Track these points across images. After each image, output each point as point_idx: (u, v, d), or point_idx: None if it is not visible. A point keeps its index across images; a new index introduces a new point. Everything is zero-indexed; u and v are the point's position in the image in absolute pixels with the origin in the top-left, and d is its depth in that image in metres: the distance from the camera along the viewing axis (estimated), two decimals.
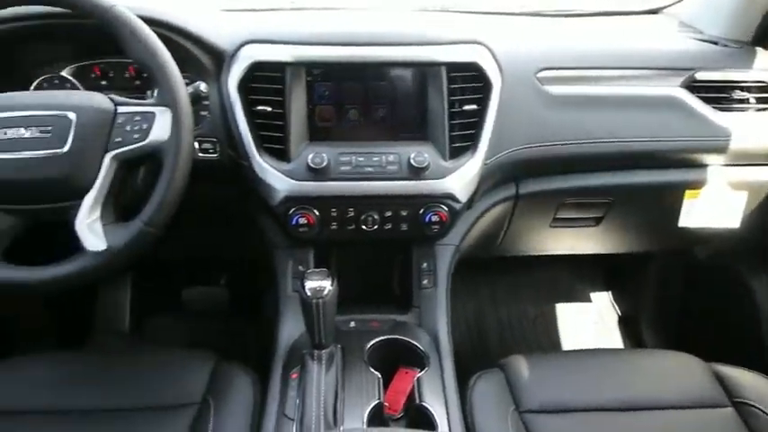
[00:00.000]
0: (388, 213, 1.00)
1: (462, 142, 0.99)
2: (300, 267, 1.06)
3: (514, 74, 1.01)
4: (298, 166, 0.95)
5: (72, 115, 0.76)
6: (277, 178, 0.95)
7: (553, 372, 0.99)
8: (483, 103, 0.98)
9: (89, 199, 0.76)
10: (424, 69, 0.97)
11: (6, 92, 0.84)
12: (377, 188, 0.96)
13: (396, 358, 0.98)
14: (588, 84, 1.06)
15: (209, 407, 0.87)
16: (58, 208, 0.77)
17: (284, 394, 0.87)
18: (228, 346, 1.51)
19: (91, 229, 0.76)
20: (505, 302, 1.79)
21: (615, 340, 1.73)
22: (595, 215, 1.21)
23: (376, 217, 0.99)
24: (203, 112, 0.98)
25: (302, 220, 0.97)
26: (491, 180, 1.06)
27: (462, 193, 0.99)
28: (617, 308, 1.80)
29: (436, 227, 1.00)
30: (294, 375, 0.89)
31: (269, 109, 0.95)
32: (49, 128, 0.75)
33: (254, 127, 0.96)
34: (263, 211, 1.05)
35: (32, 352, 1.02)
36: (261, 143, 0.96)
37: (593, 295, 1.83)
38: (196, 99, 0.87)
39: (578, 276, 1.84)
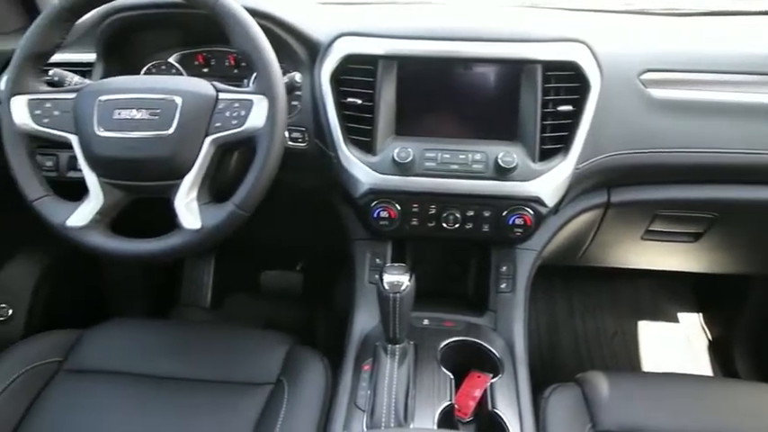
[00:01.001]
0: (471, 213, 0.98)
1: (554, 144, 0.95)
2: (378, 260, 1.07)
3: (615, 75, 0.95)
4: (383, 160, 0.96)
5: (178, 100, 0.80)
6: (362, 170, 0.96)
7: (634, 393, 0.93)
8: (579, 104, 0.93)
9: (188, 179, 0.80)
10: (519, 67, 0.94)
11: (119, 75, 0.90)
12: (461, 186, 0.95)
13: (467, 361, 0.96)
14: (697, 88, 0.98)
15: (283, 388, 0.89)
16: (160, 186, 0.81)
17: (355, 384, 0.88)
18: (299, 330, 1.56)
19: (188, 208, 0.80)
20: (582, 314, 1.71)
21: (703, 366, 1.60)
22: (695, 230, 1.12)
23: (458, 215, 0.98)
24: (294, 102, 1.00)
25: (383, 214, 0.98)
26: (581, 185, 1.01)
27: (550, 198, 0.95)
28: (707, 331, 1.67)
29: (519, 230, 0.97)
30: (366, 367, 0.89)
31: (359, 101, 0.96)
32: (158, 110, 0.80)
33: (342, 118, 0.97)
34: (345, 203, 1.07)
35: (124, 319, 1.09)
36: (348, 135, 0.97)
37: (680, 315, 1.71)
38: (290, 89, 0.89)
39: (665, 294, 1.72)
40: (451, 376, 0.88)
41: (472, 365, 0.96)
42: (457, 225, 0.98)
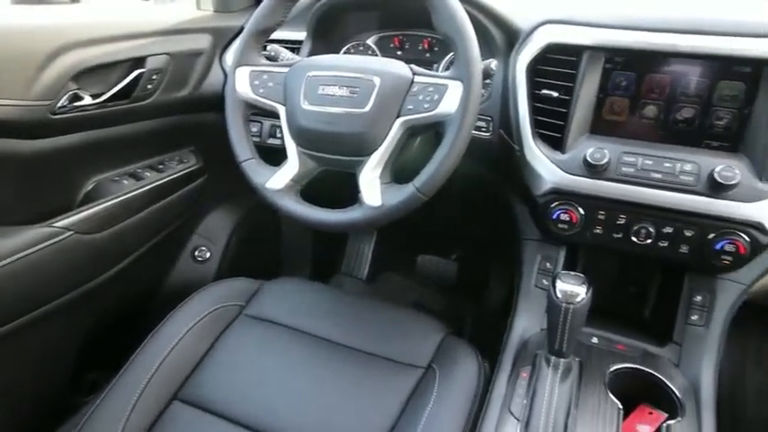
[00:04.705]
0: (668, 230, 0.86)
1: None
2: (548, 264, 1.01)
3: None
4: (572, 159, 0.89)
5: (377, 80, 0.82)
6: (547, 168, 0.90)
7: None
8: None
9: (375, 157, 0.82)
10: (758, 67, 0.79)
11: (323, 54, 0.96)
12: (662, 198, 0.84)
13: (637, 392, 0.86)
14: None
15: (434, 375, 0.89)
16: (349, 161, 0.85)
17: (510, 389, 0.84)
18: (446, 319, 1.56)
19: (371, 186, 0.83)
20: None
21: None
22: None
23: (651, 230, 0.87)
24: (482, 90, 0.97)
25: (564, 217, 0.91)
26: None
27: None
28: None
29: (728, 259, 0.83)
30: (524, 374, 0.85)
31: (555, 94, 0.90)
32: (357, 89, 0.82)
33: (533, 111, 0.92)
34: (522, 199, 1.02)
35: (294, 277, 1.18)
36: (537, 129, 0.92)
37: None
38: (485, 76, 0.86)
39: None
40: (620, 406, 0.79)
41: (642, 399, 0.86)
42: (649, 241, 0.87)
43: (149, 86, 1.07)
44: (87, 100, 0.97)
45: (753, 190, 0.80)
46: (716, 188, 0.80)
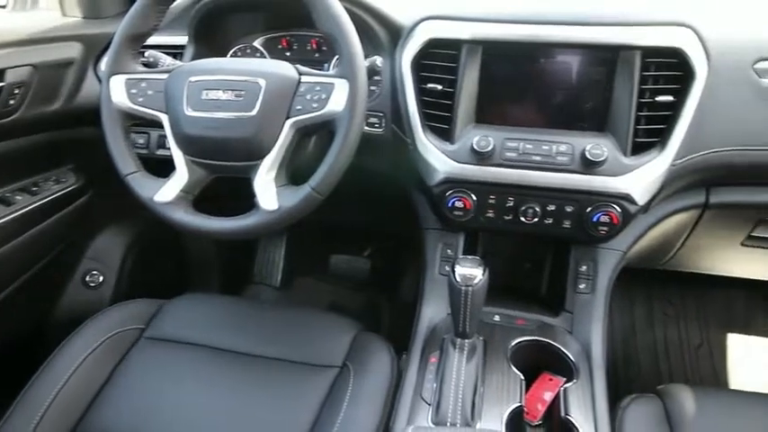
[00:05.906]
0: (551, 207, 0.93)
1: (649, 137, 0.88)
2: (449, 251, 1.04)
3: (725, 63, 0.86)
4: (461, 148, 0.93)
5: (262, 82, 0.80)
6: (438, 158, 0.94)
7: (721, 411, 0.86)
8: (681, 94, 0.86)
9: (267, 161, 0.81)
10: (614, 53, 0.87)
11: (207, 57, 0.93)
12: (543, 179, 0.90)
13: (538, 362, 0.92)
14: None
15: (348, 372, 0.89)
16: (240, 166, 0.82)
17: (421, 376, 0.86)
18: (363, 316, 1.57)
19: (266, 189, 0.81)
20: (664, 323, 1.60)
21: None
22: None
23: (537, 209, 0.93)
24: (373, 87, 0.99)
25: (458, 204, 0.95)
26: (677, 183, 0.93)
27: (641, 195, 0.88)
28: None
29: (604, 229, 0.91)
30: (433, 360, 0.88)
31: (439, 87, 0.93)
32: (242, 92, 0.80)
33: (421, 104, 0.95)
34: (419, 191, 1.05)
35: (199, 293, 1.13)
36: (426, 121, 0.95)
37: None
38: (371, 73, 0.88)
39: (761, 306, 1.57)
40: (522, 377, 0.84)
41: (543, 367, 0.92)
42: (536, 219, 0.94)
43: (12, 102, 0.97)
44: None
45: (619, 165, 0.88)
46: (588, 165, 0.87)
